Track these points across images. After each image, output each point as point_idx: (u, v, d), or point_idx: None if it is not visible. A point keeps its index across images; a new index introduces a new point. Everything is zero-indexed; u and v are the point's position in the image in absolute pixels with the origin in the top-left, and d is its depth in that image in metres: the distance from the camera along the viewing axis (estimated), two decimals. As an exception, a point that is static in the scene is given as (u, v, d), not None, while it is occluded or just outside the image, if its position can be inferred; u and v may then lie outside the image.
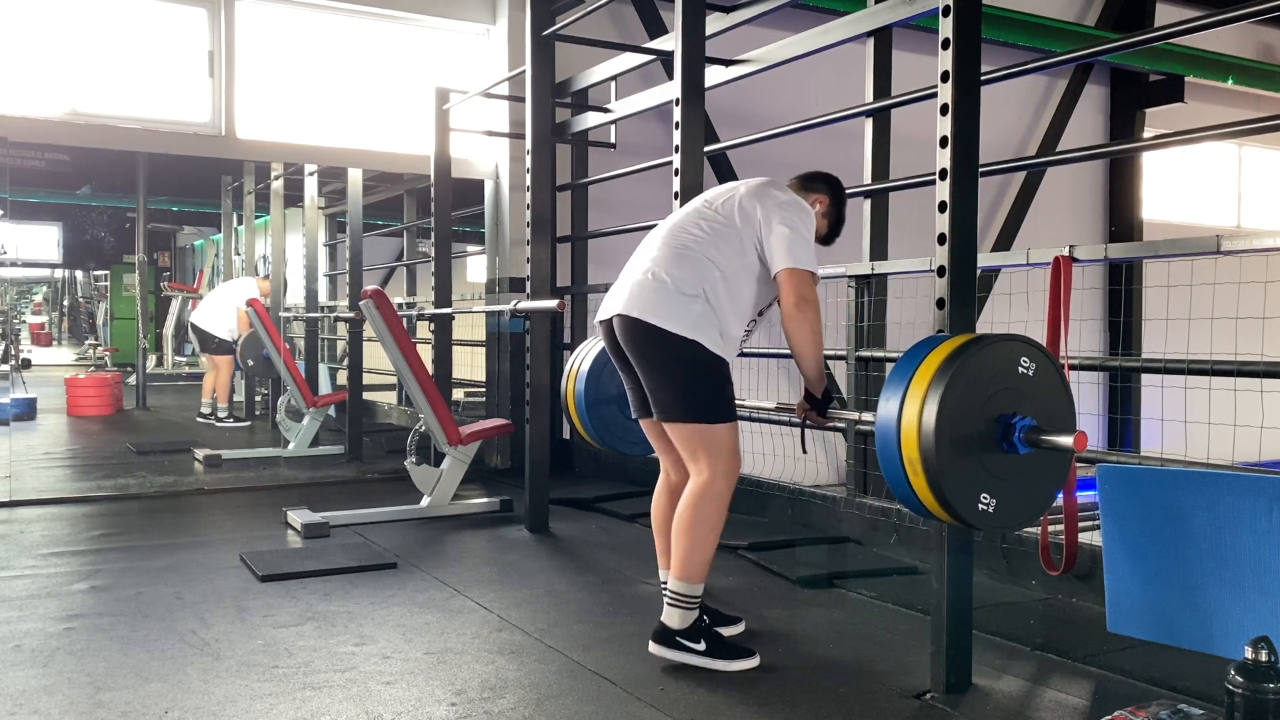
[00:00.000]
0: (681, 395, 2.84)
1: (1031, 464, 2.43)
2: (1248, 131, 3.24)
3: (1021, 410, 2.39)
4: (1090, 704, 2.63)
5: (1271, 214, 10.48)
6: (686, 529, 2.84)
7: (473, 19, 6.66)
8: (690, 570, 2.84)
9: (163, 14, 5.88)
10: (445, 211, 6.26)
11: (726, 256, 2.88)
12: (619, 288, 2.98)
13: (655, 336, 2.83)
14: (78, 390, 9.55)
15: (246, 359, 8.46)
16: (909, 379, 2.38)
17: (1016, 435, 2.37)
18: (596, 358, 3.56)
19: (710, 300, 2.84)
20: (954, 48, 2.62)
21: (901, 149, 4.67)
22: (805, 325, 2.82)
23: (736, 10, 4.73)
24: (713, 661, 2.83)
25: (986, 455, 2.37)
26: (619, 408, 3.59)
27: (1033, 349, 2.46)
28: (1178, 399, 3.79)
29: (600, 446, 3.72)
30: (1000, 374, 2.40)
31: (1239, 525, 2.34)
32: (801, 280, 2.82)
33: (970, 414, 2.35)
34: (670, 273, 2.86)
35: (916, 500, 2.38)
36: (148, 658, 2.91)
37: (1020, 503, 2.44)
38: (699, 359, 2.83)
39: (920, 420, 2.31)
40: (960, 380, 2.32)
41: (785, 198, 2.96)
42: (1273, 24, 9.87)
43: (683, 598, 2.85)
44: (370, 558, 4.11)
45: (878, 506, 4.33)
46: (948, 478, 2.30)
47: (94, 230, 15.64)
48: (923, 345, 2.45)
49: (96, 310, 18.80)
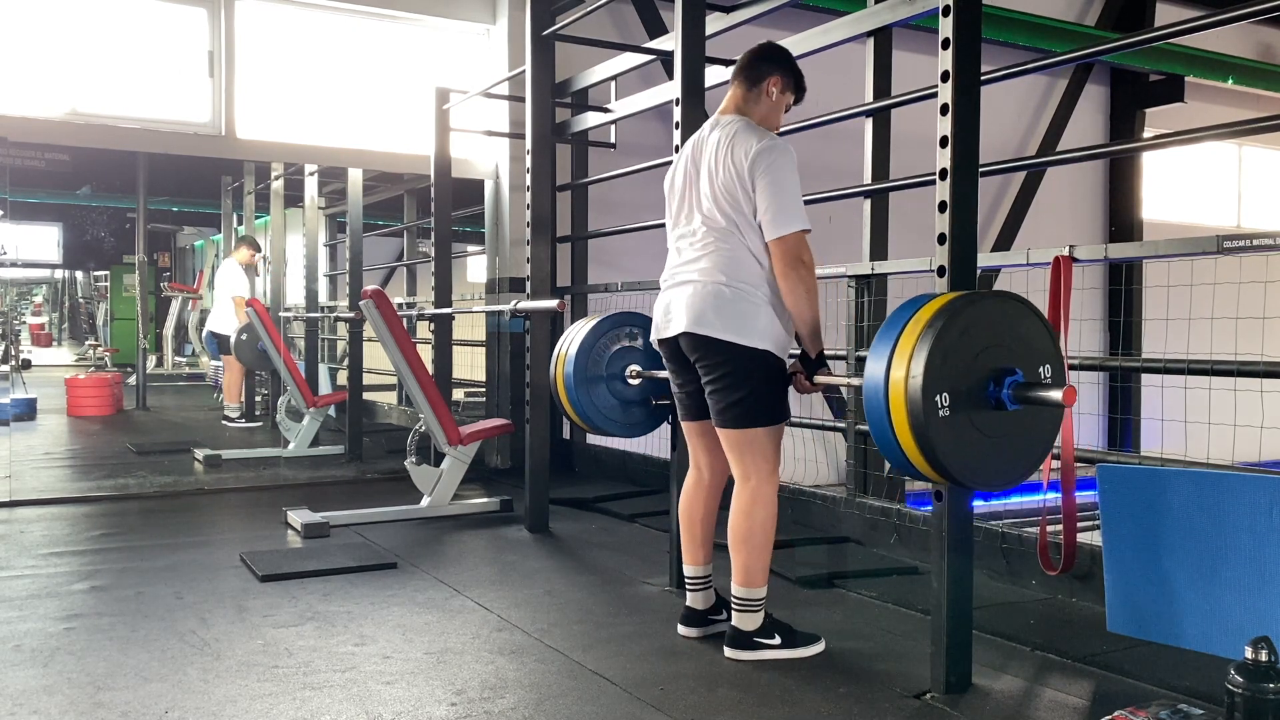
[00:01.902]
0: (749, 404, 2.89)
1: (1022, 421, 2.40)
2: (1248, 131, 3.25)
3: (1012, 366, 2.36)
4: (1090, 704, 2.62)
5: (1271, 214, 10.48)
6: (743, 540, 2.93)
7: (473, 19, 6.66)
8: (753, 576, 2.94)
9: (163, 14, 5.88)
10: (445, 211, 6.26)
11: (757, 237, 2.89)
12: (675, 299, 3.00)
13: (729, 351, 2.87)
14: (78, 390, 9.55)
15: (240, 350, 8.45)
16: (897, 336, 2.36)
17: (1005, 391, 2.35)
18: (584, 340, 3.56)
19: (771, 299, 2.89)
20: (954, 48, 2.62)
21: (901, 149, 4.67)
22: (800, 284, 2.84)
23: (736, 10, 4.73)
24: (791, 651, 2.93)
25: (976, 412, 2.34)
26: (608, 388, 3.60)
27: (1023, 306, 2.44)
28: (1178, 399, 3.79)
29: (589, 429, 3.71)
30: (990, 330, 2.38)
31: (1239, 525, 2.34)
32: (791, 245, 2.83)
33: (958, 370, 2.32)
34: (729, 279, 2.89)
35: (905, 459, 2.35)
36: (148, 658, 2.91)
37: (1011, 461, 2.43)
38: (769, 367, 2.90)
39: (908, 377, 2.28)
40: (948, 335, 2.29)
41: (760, 144, 2.89)
42: (1273, 24, 9.86)
43: (749, 602, 2.94)
44: (370, 558, 4.11)
45: (878, 506, 4.33)
46: (936, 435, 2.27)
47: (94, 230, 15.65)
48: (911, 302, 2.44)
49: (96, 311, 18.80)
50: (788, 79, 3.10)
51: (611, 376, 3.66)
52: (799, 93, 3.15)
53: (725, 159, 2.93)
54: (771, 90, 3.07)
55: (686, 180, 3.08)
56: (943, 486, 2.60)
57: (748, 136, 2.93)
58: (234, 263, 9.13)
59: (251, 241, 9.30)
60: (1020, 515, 4.94)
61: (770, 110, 3.08)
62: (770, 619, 2.97)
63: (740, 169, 2.89)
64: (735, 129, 2.97)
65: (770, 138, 2.94)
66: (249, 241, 9.29)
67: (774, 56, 3.12)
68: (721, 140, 2.97)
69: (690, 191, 3.05)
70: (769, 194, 2.84)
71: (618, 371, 3.70)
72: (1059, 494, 3.06)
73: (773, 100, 3.07)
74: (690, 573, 3.16)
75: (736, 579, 2.95)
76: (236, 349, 8.46)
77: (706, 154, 3.01)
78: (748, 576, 2.94)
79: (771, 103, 3.08)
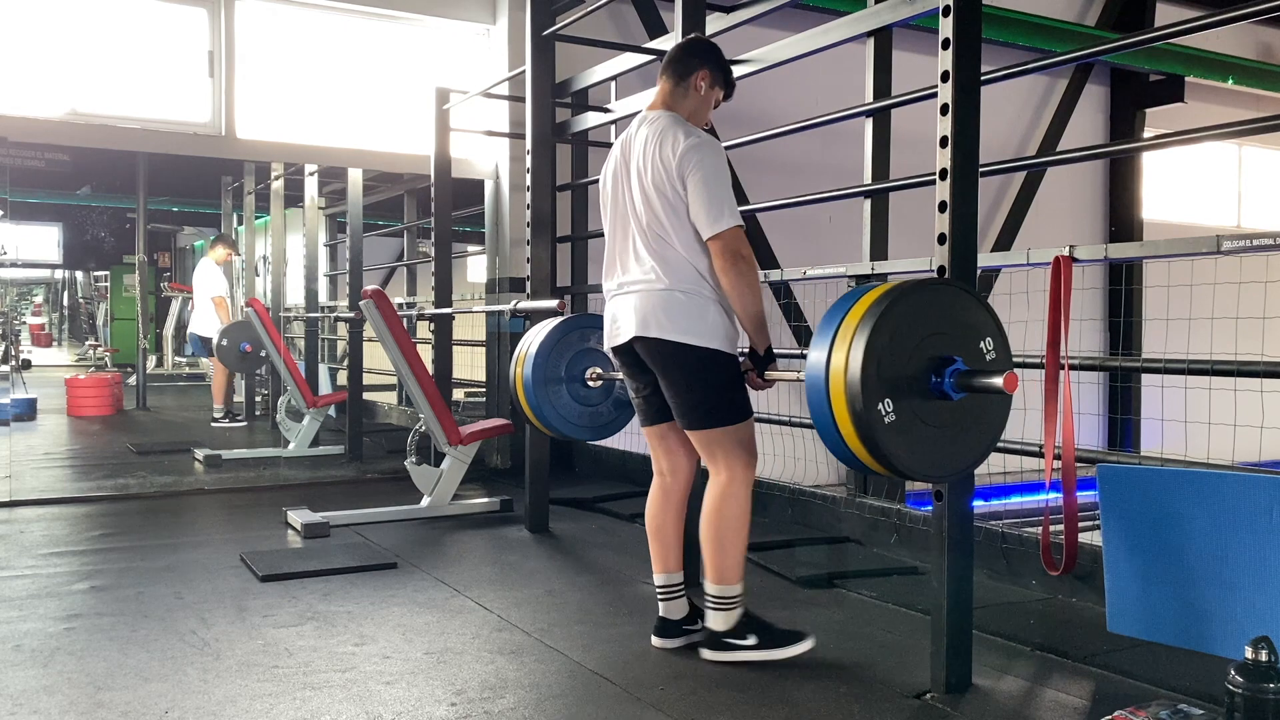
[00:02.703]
0: (712, 403, 2.86)
1: (968, 409, 2.38)
2: (1248, 131, 3.24)
3: (952, 355, 2.33)
4: (1090, 704, 2.62)
5: (1271, 214, 10.47)
6: (713, 536, 2.88)
7: (473, 19, 6.66)
8: (725, 573, 2.88)
9: (163, 14, 5.88)
10: (445, 211, 6.26)
11: (691, 235, 2.84)
12: (621, 308, 2.96)
13: (682, 353, 2.84)
14: (78, 391, 9.55)
15: (223, 354, 8.43)
16: (838, 324, 2.32)
17: (948, 381, 2.31)
18: (545, 340, 3.54)
19: (715, 296, 2.86)
20: (954, 48, 2.62)
21: (901, 149, 4.67)
22: (741, 279, 2.78)
23: (736, 10, 4.72)
24: (769, 652, 2.87)
25: (919, 401, 2.31)
26: (568, 391, 3.58)
27: (962, 292, 2.41)
28: (1178, 399, 3.80)
29: (548, 432, 3.70)
30: (933, 318, 2.34)
31: (1239, 525, 2.34)
32: (728, 241, 2.77)
33: (900, 358, 2.28)
34: (672, 281, 2.85)
35: (847, 450, 2.31)
36: (148, 658, 2.90)
37: (961, 449, 2.39)
38: (725, 365, 2.87)
39: (847, 365, 2.24)
40: (889, 323, 2.25)
41: (688, 140, 2.84)
42: (1273, 24, 9.86)
43: (723, 600, 2.89)
44: (370, 558, 4.11)
45: (878, 506, 4.33)
46: (880, 431, 2.24)
47: (94, 230, 15.64)
48: (854, 292, 2.41)
49: (96, 311, 18.80)
50: (716, 74, 3.03)
51: (571, 379, 3.64)
52: (728, 88, 3.09)
53: (654, 156, 2.87)
54: (700, 85, 3.00)
55: (617, 181, 3.03)
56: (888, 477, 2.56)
57: (675, 133, 2.87)
58: (211, 263, 9.13)
59: (228, 240, 9.37)
60: (1020, 515, 4.95)
61: (699, 105, 3.02)
62: (747, 617, 2.91)
63: (669, 166, 2.83)
64: (662, 125, 2.91)
65: (698, 134, 2.89)
66: (225, 240, 9.35)
67: (702, 51, 3.05)
68: (650, 137, 2.91)
69: (623, 192, 2.99)
70: (700, 191, 2.79)
71: (578, 374, 3.67)
72: (1060, 494, 3.05)
73: (701, 95, 3.01)
74: (660, 581, 3.07)
75: (709, 576, 2.90)
76: (219, 353, 8.44)
77: (635, 152, 2.96)
78: (720, 573, 2.88)
79: (700, 98, 3.01)
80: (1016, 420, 3.79)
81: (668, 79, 3.03)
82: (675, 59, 3.04)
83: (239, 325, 8.49)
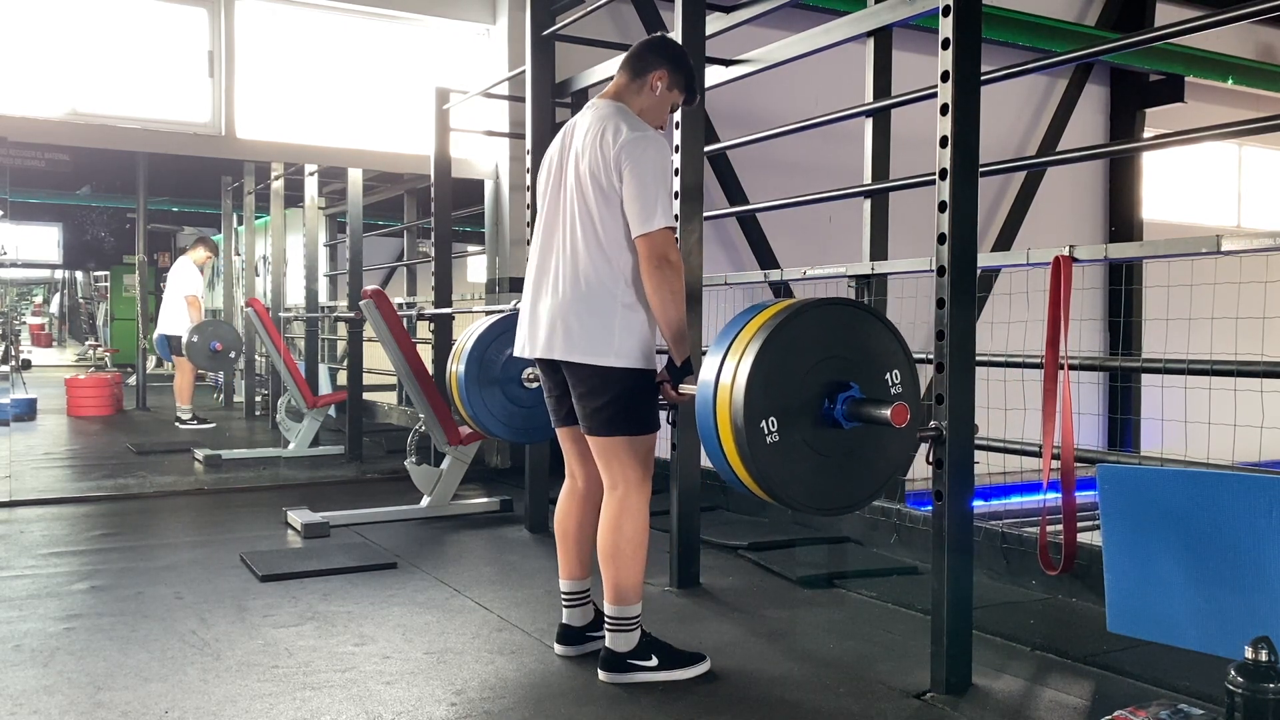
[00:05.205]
0: (614, 411, 2.75)
1: (865, 442, 2.25)
2: (1248, 131, 3.24)
3: (847, 380, 2.21)
4: (1090, 704, 2.62)
5: (1271, 214, 10.47)
6: (611, 555, 2.76)
7: (473, 19, 6.66)
8: (624, 594, 2.76)
9: (163, 14, 5.88)
10: (445, 211, 6.26)
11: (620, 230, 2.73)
12: (534, 317, 2.85)
13: (591, 372, 2.74)
14: (78, 391, 9.55)
15: (192, 352, 8.35)
16: (734, 336, 2.22)
17: (840, 408, 2.19)
18: (481, 336, 3.45)
19: (635, 300, 2.74)
20: (954, 48, 2.62)
21: (901, 149, 4.67)
22: (664, 285, 2.66)
23: (736, 10, 4.72)
24: (668, 674, 2.76)
25: (809, 426, 2.19)
26: (503, 392, 3.49)
27: (865, 313, 2.29)
28: (1178, 399, 3.79)
29: (485, 434, 3.62)
30: (835, 340, 2.23)
31: (1239, 525, 2.34)
32: (656, 243, 2.66)
33: (791, 377, 2.16)
34: (589, 287, 2.73)
35: (729, 468, 2.22)
36: (148, 658, 2.90)
37: (846, 484, 2.27)
38: (634, 379, 2.75)
39: (735, 379, 2.13)
40: (783, 338, 2.13)
41: (631, 133, 2.72)
42: (1273, 24, 9.86)
43: (623, 621, 2.78)
44: (370, 558, 4.11)
45: (878, 506, 4.32)
46: (759, 445, 2.12)
47: (94, 230, 15.62)
48: (758, 305, 2.32)
49: (96, 311, 18.79)
50: (676, 76, 2.91)
51: (508, 379, 3.53)
52: (689, 94, 2.97)
53: (594, 142, 2.75)
54: (656, 84, 2.88)
55: (550, 169, 2.93)
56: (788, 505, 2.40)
57: (619, 122, 2.75)
58: (189, 261, 9.08)
59: (209, 242, 9.29)
60: (1020, 515, 4.95)
61: (653, 105, 2.90)
62: (647, 639, 2.80)
63: (607, 155, 2.71)
64: (608, 113, 2.81)
65: (644, 128, 2.78)
66: (206, 242, 9.26)
67: (664, 50, 2.94)
68: (593, 123, 2.80)
69: (558, 178, 2.88)
70: (635, 187, 2.67)
71: (514, 375, 3.56)
72: (1059, 494, 3.05)
73: (656, 95, 2.89)
74: (565, 587, 2.99)
75: (607, 596, 2.77)
76: (189, 350, 8.39)
77: (575, 138, 2.85)
78: (618, 594, 2.75)
79: (655, 98, 2.89)
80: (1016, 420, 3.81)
81: (624, 72, 2.91)
82: (635, 54, 2.93)
83: (211, 323, 8.45)
